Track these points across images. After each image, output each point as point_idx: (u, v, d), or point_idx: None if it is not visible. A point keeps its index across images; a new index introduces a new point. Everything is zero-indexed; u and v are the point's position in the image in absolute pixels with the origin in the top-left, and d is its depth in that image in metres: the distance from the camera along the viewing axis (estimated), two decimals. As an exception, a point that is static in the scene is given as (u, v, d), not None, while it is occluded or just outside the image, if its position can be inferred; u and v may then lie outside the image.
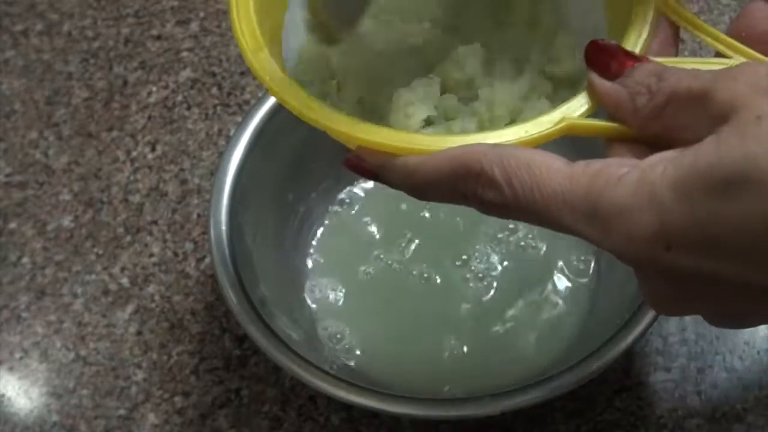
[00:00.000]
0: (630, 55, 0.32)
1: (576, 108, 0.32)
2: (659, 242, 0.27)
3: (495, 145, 0.31)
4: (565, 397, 0.44)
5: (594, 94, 0.32)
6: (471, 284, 0.52)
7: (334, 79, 0.39)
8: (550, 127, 0.32)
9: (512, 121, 0.36)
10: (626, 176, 0.28)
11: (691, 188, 0.27)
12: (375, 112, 0.37)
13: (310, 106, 0.34)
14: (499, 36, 0.40)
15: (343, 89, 0.38)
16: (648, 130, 0.30)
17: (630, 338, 0.43)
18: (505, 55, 0.39)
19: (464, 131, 0.36)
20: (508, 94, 0.37)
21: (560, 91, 0.38)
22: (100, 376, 0.52)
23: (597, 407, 0.49)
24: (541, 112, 0.33)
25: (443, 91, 0.38)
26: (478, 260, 0.52)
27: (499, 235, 0.53)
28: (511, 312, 0.51)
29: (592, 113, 0.32)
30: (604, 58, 0.32)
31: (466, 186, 0.31)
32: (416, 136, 0.33)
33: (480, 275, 0.52)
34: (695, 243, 0.27)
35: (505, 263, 0.52)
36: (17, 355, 0.54)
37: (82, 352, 0.53)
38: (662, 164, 0.28)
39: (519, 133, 0.32)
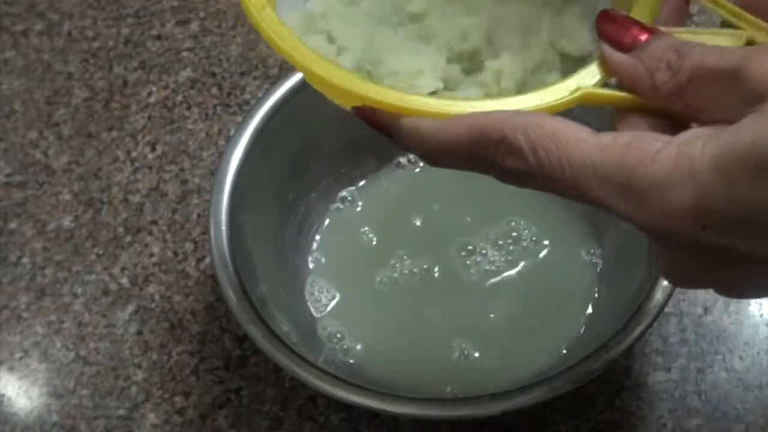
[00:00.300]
0: (644, 27, 0.31)
1: (588, 78, 0.32)
2: (695, 219, 0.27)
3: (517, 112, 0.30)
4: (565, 397, 0.44)
5: (607, 67, 0.31)
6: (473, 284, 0.52)
7: (334, 44, 0.37)
8: (567, 95, 0.31)
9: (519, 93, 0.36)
10: (663, 151, 0.28)
11: (732, 167, 0.26)
12: (375, 81, 0.35)
13: (321, 65, 0.32)
14: (504, 7, 0.38)
15: (341, 54, 0.37)
16: (669, 106, 0.30)
17: (630, 338, 0.43)
18: (511, 28, 0.38)
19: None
20: (517, 64, 0.36)
21: (568, 65, 0.36)
22: (100, 376, 0.52)
23: (597, 407, 0.49)
24: (553, 82, 0.32)
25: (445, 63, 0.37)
26: (481, 260, 0.52)
27: (500, 242, 0.53)
28: (512, 313, 0.51)
29: (603, 84, 0.32)
30: (617, 30, 0.31)
31: (485, 153, 0.30)
32: (431, 100, 0.31)
33: (482, 274, 0.52)
34: (732, 222, 0.27)
35: (508, 264, 0.52)
36: (17, 355, 0.54)
37: (82, 352, 0.53)
38: (700, 141, 0.27)
39: (534, 100, 0.31)
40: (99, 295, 0.55)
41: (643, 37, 0.31)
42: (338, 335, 0.51)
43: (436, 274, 0.52)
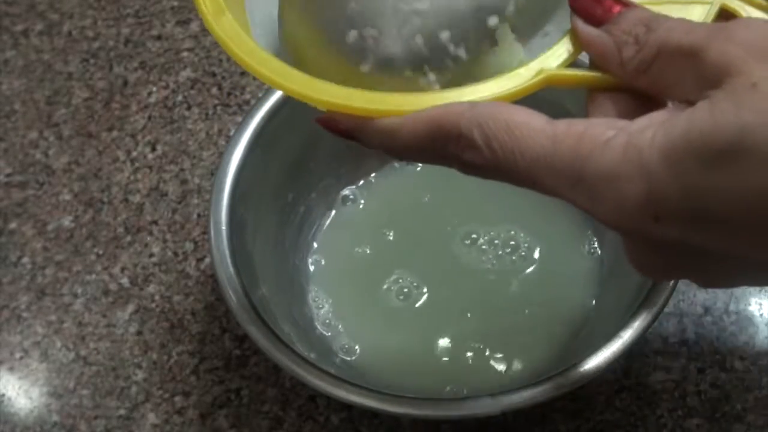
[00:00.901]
0: (616, 0, 0.30)
1: (552, 59, 0.31)
2: (647, 212, 0.26)
3: (473, 105, 0.29)
4: (565, 397, 0.44)
5: (578, 41, 0.30)
6: (473, 283, 0.52)
7: None
8: (529, 80, 0.30)
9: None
10: (613, 140, 0.27)
11: (682, 157, 0.26)
12: (332, 83, 0.33)
13: (278, 71, 0.32)
14: None
15: None
16: (634, 83, 0.29)
17: (630, 338, 0.43)
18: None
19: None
20: None
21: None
22: (100, 376, 0.52)
23: (597, 407, 0.49)
24: (518, 64, 0.31)
25: None
26: (482, 260, 0.52)
27: (501, 242, 0.53)
28: (512, 313, 0.51)
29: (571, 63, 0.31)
30: (588, 3, 0.30)
31: (445, 148, 0.30)
32: (387, 96, 0.31)
33: (483, 274, 0.52)
34: (684, 214, 0.26)
35: (509, 264, 0.52)
36: (17, 355, 0.54)
37: (83, 352, 0.53)
38: (651, 129, 0.26)
39: (493, 88, 0.30)
40: (99, 295, 0.55)
41: (616, 9, 0.30)
42: (338, 335, 0.51)
43: (437, 274, 0.52)
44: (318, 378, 0.43)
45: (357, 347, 0.50)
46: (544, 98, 0.32)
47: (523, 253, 0.52)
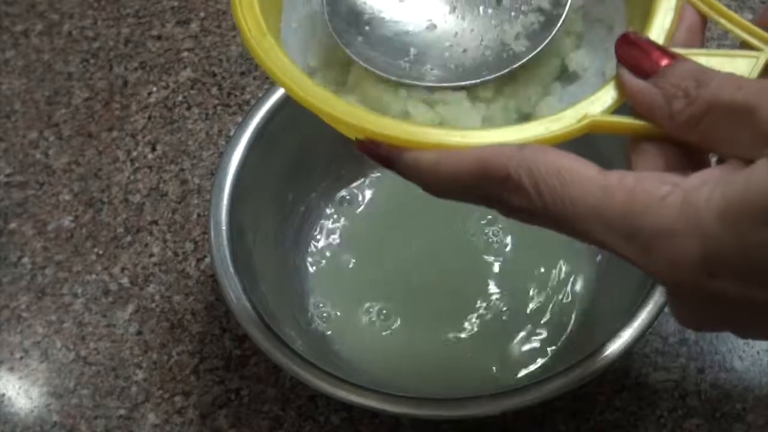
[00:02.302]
0: (664, 52, 0.30)
1: (597, 105, 0.30)
2: (703, 269, 0.26)
3: (522, 147, 0.29)
4: (565, 397, 0.44)
5: (624, 92, 0.30)
6: (472, 282, 0.52)
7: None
8: (573, 124, 0.30)
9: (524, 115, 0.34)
10: (669, 197, 0.27)
11: (741, 217, 0.26)
12: (375, 113, 0.33)
13: (318, 96, 0.32)
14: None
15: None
16: (683, 137, 0.29)
17: (630, 338, 0.43)
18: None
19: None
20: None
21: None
22: (100, 376, 0.52)
23: (597, 407, 0.49)
24: (561, 108, 0.31)
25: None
26: (481, 259, 0.52)
27: (500, 241, 0.53)
28: (511, 312, 0.51)
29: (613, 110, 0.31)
30: (637, 54, 0.30)
31: (489, 189, 0.29)
32: (432, 131, 0.30)
33: (482, 273, 0.52)
34: (741, 271, 0.26)
35: (509, 263, 0.52)
36: (17, 355, 0.54)
37: (83, 352, 0.53)
38: (707, 187, 0.26)
39: (539, 129, 0.30)
40: (99, 295, 0.55)
41: (664, 62, 0.30)
42: (338, 335, 0.51)
43: (436, 273, 0.52)
44: (318, 378, 0.43)
45: (356, 346, 0.50)
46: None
47: (523, 252, 0.52)
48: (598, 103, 0.31)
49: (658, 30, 0.32)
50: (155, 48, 0.65)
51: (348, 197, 0.55)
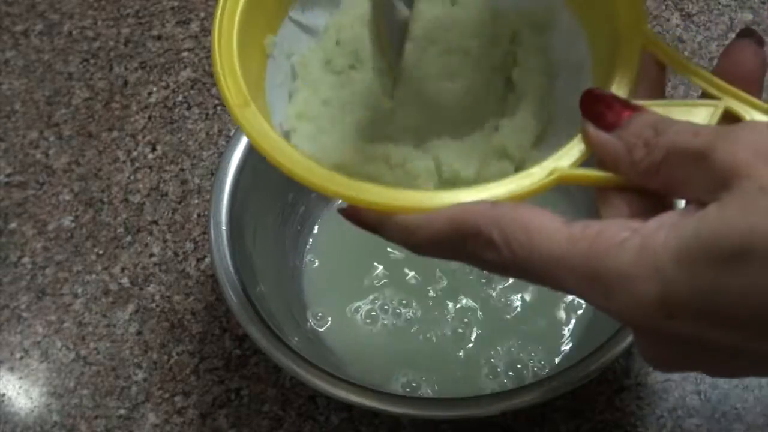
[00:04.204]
0: (626, 105, 0.31)
1: (564, 159, 0.32)
2: (661, 310, 0.27)
3: (493, 205, 0.30)
4: (565, 397, 0.44)
5: (590, 145, 0.32)
6: (470, 282, 0.52)
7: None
8: (542, 179, 0.32)
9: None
10: (627, 242, 0.28)
11: (694, 259, 0.26)
12: (355, 180, 0.34)
13: (301, 164, 0.33)
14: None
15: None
16: (645, 184, 0.30)
17: (630, 338, 0.43)
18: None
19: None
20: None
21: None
22: (100, 375, 0.52)
23: (597, 407, 0.49)
24: (533, 163, 0.32)
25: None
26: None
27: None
28: (511, 312, 0.51)
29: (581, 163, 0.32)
30: (600, 109, 0.31)
31: (464, 246, 0.31)
32: (408, 194, 0.32)
33: (481, 273, 0.52)
34: (697, 312, 0.27)
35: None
36: (18, 355, 0.54)
37: (83, 352, 0.53)
38: (663, 231, 0.27)
39: (510, 186, 0.31)
40: (99, 295, 0.55)
41: (626, 114, 0.31)
42: (337, 335, 0.51)
43: (436, 273, 0.52)
44: (318, 378, 0.43)
45: (356, 346, 0.50)
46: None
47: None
48: (565, 158, 0.32)
49: (619, 83, 0.33)
50: (155, 48, 0.65)
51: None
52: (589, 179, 0.31)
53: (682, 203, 0.30)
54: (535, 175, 0.32)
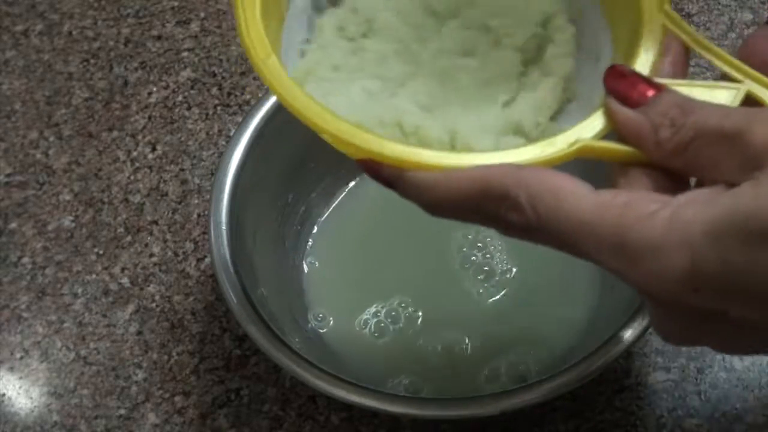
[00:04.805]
0: (650, 84, 0.31)
1: (587, 130, 0.32)
2: (688, 283, 0.27)
3: (519, 167, 0.30)
4: (565, 397, 0.44)
5: (613, 121, 0.31)
6: (471, 282, 0.52)
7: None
8: (565, 148, 0.31)
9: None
10: (657, 213, 0.28)
11: (727, 235, 0.26)
12: (377, 135, 0.34)
13: (323, 116, 0.33)
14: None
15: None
16: (669, 164, 0.30)
17: (630, 338, 0.43)
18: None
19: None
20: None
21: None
22: (100, 375, 0.52)
23: (597, 407, 0.49)
24: (555, 132, 0.32)
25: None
26: (480, 258, 0.52)
27: (500, 241, 0.53)
28: (512, 312, 0.51)
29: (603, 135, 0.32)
30: (624, 86, 0.31)
31: (487, 207, 0.30)
32: (434, 153, 0.32)
33: (481, 273, 0.52)
34: (725, 288, 0.27)
35: (508, 262, 0.52)
36: (18, 355, 0.54)
37: (83, 352, 0.53)
38: (695, 206, 0.27)
39: (534, 152, 0.31)
40: (99, 295, 0.55)
41: (650, 93, 0.31)
42: (337, 335, 0.51)
43: (436, 273, 0.52)
44: (318, 378, 0.43)
45: (355, 347, 0.50)
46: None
47: (523, 252, 0.52)
48: (588, 129, 0.32)
49: (642, 62, 0.33)
50: (155, 48, 0.65)
51: (348, 197, 0.55)
52: (611, 152, 0.31)
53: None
54: (558, 144, 0.32)
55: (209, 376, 0.52)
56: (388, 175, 0.32)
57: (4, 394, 0.53)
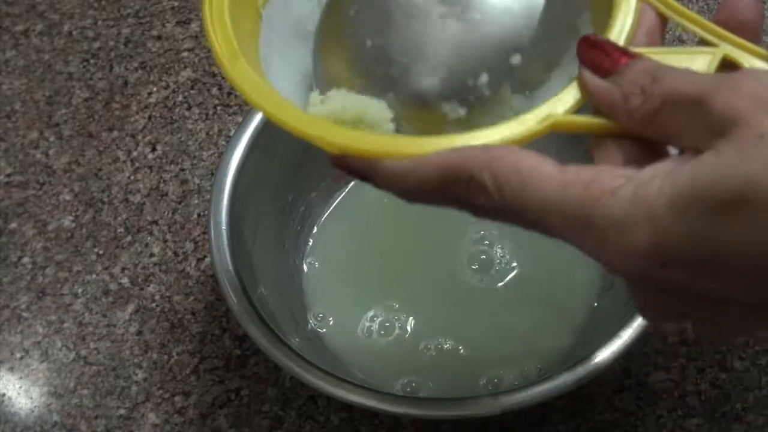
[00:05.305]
0: (624, 52, 0.31)
1: (559, 105, 0.31)
2: (654, 259, 0.27)
3: (484, 148, 0.30)
4: (565, 397, 0.44)
5: (586, 92, 0.31)
6: (472, 282, 0.52)
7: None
8: (536, 125, 0.31)
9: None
10: (621, 189, 0.27)
11: (689, 207, 0.26)
12: (343, 127, 0.34)
13: (293, 115, 0.33)
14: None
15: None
16: (641, 132, 0.30)
17: (630, 338, 0.43)
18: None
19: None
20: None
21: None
22: (100, 375, 0.52)
23: (597, 407, 0.49)
24: (525, 110, 0.32)
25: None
26: (481, 258, 0.52)
27: (502, 242, 0.53)
28: (513, 313, 0.51)
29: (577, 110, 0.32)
30: (597, 55, 0.31)
31: (456, 191, 0.30)
32: (399, 140, 0.32)
33: (481, 272, 0.52)
34: (691, 261, 0.27)
35: (509, 264, 0.52)
36: (18, 355, 0.54)
37: (83, 352, 0.53)
38: (658, 179, 0.27)
39: (503, 132, 0.31)
40: (99, 295, 0.55)
41: (623, 61, 0.31)
42: (337, 335, 0.51)
43: (436, 272, 0.52)
44: (318, 378, 0.43)
45: (354, 347, 0.50)
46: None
47: (524, 253, 0.52)
48: (559, 104, 0.32)
49: (617, 31, 0.33)
50: (155, 48, 0.65)
51: (348, 197, 0.55)
52: (583, 126, 0.31)
53: (675, 151, 0.30)
54: (529, 121, 0.31)
55: (209, 376, 0.52)
56: (359, 168, 0.32)
57: (4, 394, 0.53)
